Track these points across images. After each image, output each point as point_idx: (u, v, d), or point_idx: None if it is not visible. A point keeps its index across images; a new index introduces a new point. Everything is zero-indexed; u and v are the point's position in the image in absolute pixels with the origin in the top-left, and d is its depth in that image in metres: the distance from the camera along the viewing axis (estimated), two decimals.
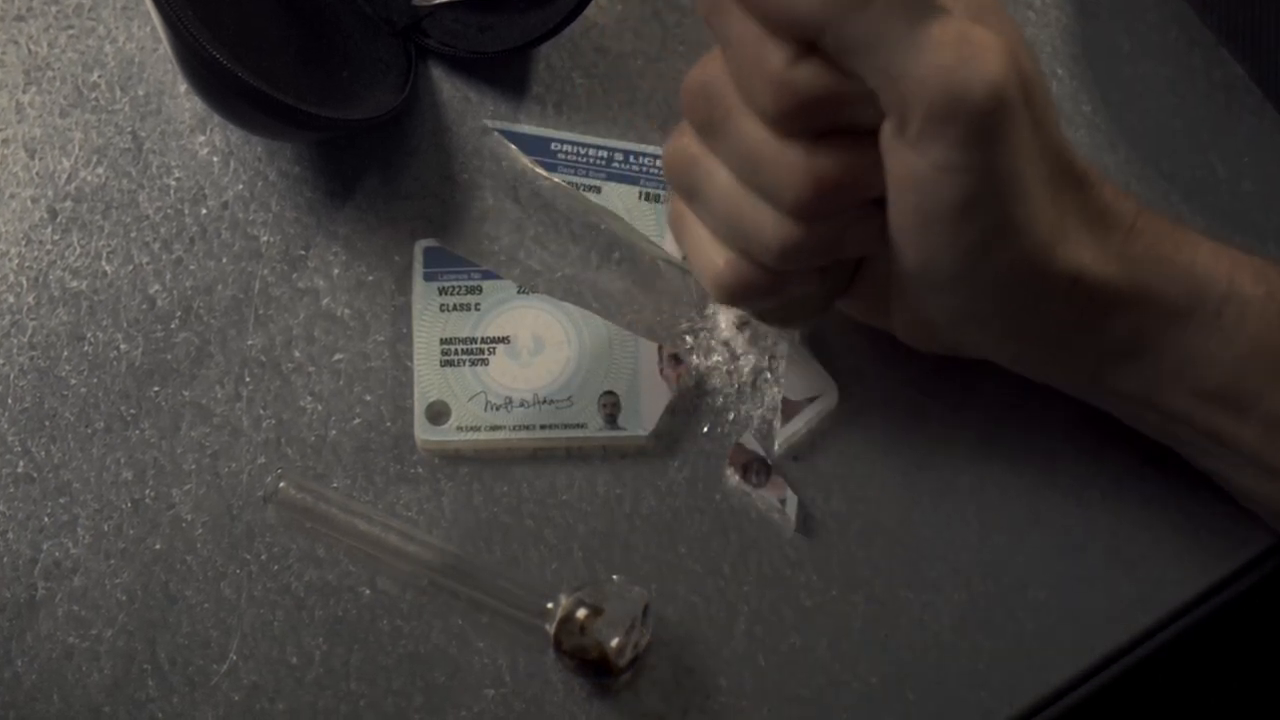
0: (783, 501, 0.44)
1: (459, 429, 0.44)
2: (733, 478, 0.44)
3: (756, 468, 0.44)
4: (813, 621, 0.43)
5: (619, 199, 0.47)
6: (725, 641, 0.43)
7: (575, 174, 0.47)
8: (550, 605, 0.41)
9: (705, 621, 0.43)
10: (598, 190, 0.47)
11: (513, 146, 0.47)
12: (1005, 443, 0.45)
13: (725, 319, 0.46)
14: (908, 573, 0.43)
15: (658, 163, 0.47)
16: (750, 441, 0.44)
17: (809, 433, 0.45)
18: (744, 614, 0.43)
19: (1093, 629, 0.43)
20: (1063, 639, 0.43)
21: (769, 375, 0.45)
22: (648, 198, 0.47)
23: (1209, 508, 0.44)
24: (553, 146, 0.47)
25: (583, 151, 0.47)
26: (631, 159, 0.47)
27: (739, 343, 0.46)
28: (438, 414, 0.45)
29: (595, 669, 0.41)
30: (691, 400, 0.45)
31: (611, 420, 0.45)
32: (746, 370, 0.46)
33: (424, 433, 0.44)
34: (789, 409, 0.45)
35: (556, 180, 0.47)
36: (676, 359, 0.45)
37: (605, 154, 0.47)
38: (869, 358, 0.45)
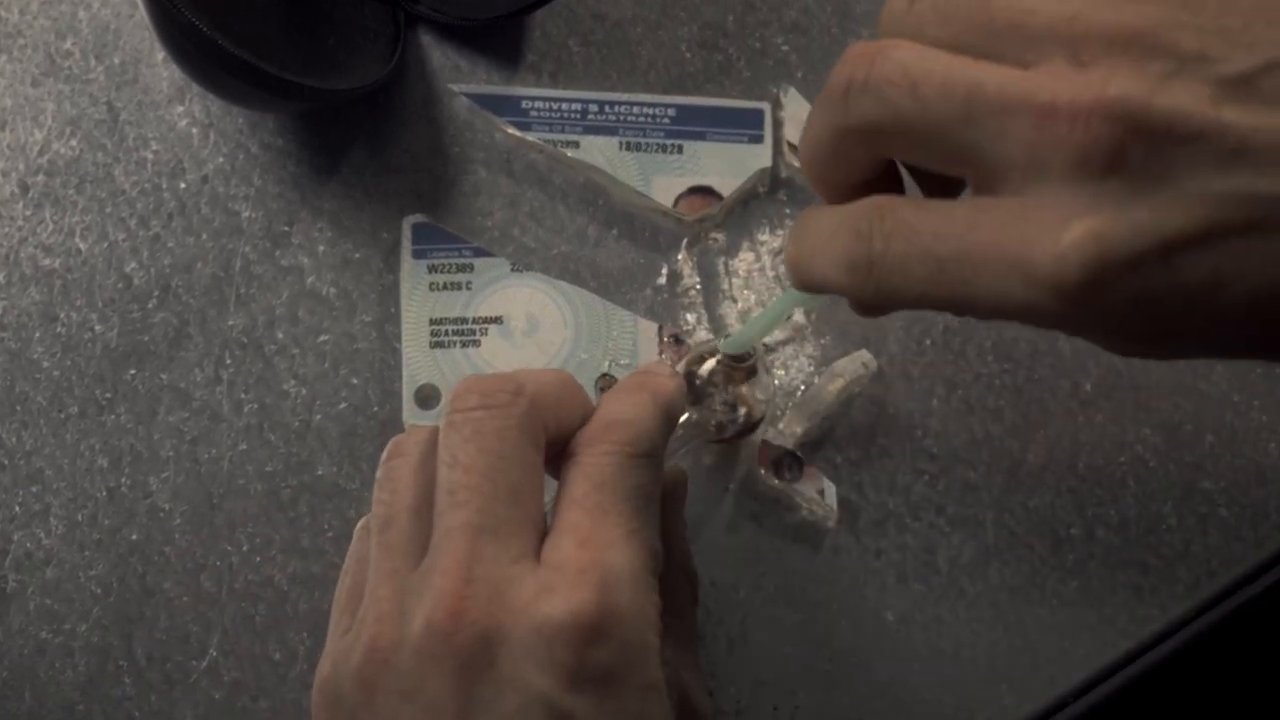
0: (821, 492, 0.42)
1: None
2: (767, 477, 0.42)
3: (788, 462, 0.42)
4: (821, 616, 0.41)
5: (599, 151, 0.45)
6: (729, 637, 0.41)
7: (551, 130, 0.45)
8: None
9: (706, 616, 0.41)
10: (576, 145, 0.45)
11: (484, 111, 0.45)
12: (1019, 432, 0.43)
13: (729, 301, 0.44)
14: (919, 566, 0.42)
15: (634, 110, 0.45)
16: (777, 436, 0.42)
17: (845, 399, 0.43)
18: (749, 608, 0.41)
19: (1115, 624, 0.42)
20: (1083, 635, 0.41)
21: (776, 351, 0.44)
22: (628, 147, 0.45)
23: (1234, 499, 0.43)
24: (524, 105, 0.45)
25: (556, 106, 0.45)
26: (608, 109, 0.45)
27: (743, 324, 0.44)
28: (427, 398, 0.43)
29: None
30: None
31: None
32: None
33: (413, 417, 0.43)
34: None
35: (532, 139, 0.45)
36: (678, 340, 0.43)
37: (580, 106, 0.45)
38: (877, 347, 0.44)
